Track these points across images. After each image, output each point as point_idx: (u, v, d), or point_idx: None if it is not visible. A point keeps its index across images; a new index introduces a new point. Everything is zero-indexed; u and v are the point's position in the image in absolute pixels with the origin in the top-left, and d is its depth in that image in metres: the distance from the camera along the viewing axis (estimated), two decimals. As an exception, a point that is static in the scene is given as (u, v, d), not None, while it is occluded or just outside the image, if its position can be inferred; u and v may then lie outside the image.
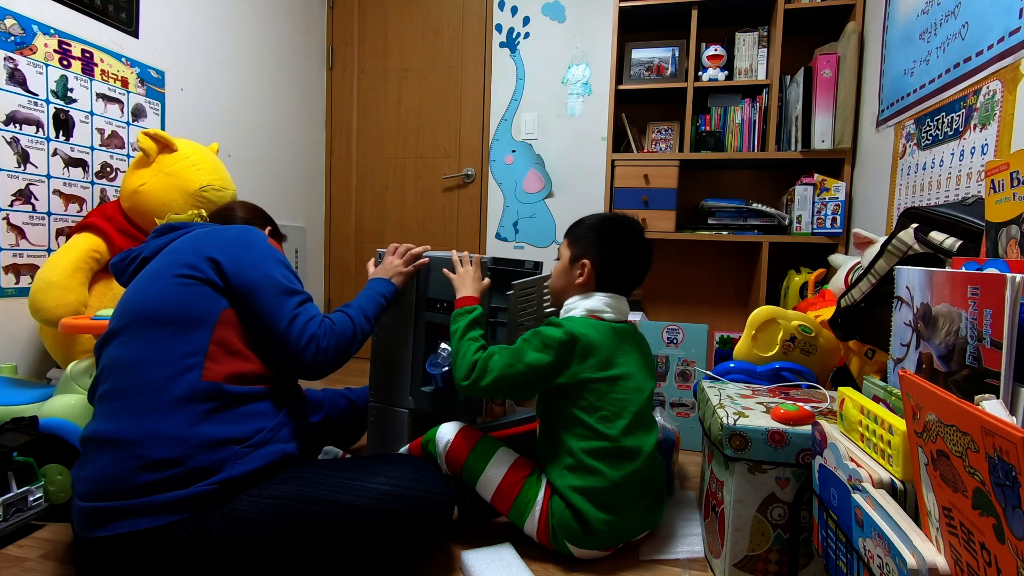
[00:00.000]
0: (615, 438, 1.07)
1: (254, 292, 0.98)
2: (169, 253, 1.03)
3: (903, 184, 1.54)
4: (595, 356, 1.10)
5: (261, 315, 0.98)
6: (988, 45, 1.15)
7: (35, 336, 1.64)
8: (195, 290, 0.96)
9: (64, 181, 1.67)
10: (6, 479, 1.12)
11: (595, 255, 1.19)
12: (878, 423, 0.75)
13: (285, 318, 0.99)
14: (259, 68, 2.45)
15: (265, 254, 1.03)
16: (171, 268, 0.99)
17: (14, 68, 1.53)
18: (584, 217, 1.25)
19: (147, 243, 1.11)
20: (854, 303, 1.13)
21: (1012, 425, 0.46)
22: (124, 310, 0.98)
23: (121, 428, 0.87)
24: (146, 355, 0.91)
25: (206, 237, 1.03)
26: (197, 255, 0.99)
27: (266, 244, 1.05)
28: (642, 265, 1.22)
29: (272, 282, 1.00)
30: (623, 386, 1.10)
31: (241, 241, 1.03)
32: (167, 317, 0.94)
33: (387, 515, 0.93)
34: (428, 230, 2.84)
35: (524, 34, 2.65)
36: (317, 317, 1.04)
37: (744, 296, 2.40)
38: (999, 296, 0.58)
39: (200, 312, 0.95)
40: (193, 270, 0.97)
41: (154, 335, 0.93)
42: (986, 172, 0.77)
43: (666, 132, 2.36)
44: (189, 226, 1.12)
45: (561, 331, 1.10)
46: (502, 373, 1.10)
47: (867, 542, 0.67)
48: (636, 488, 1.09)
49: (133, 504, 0.84)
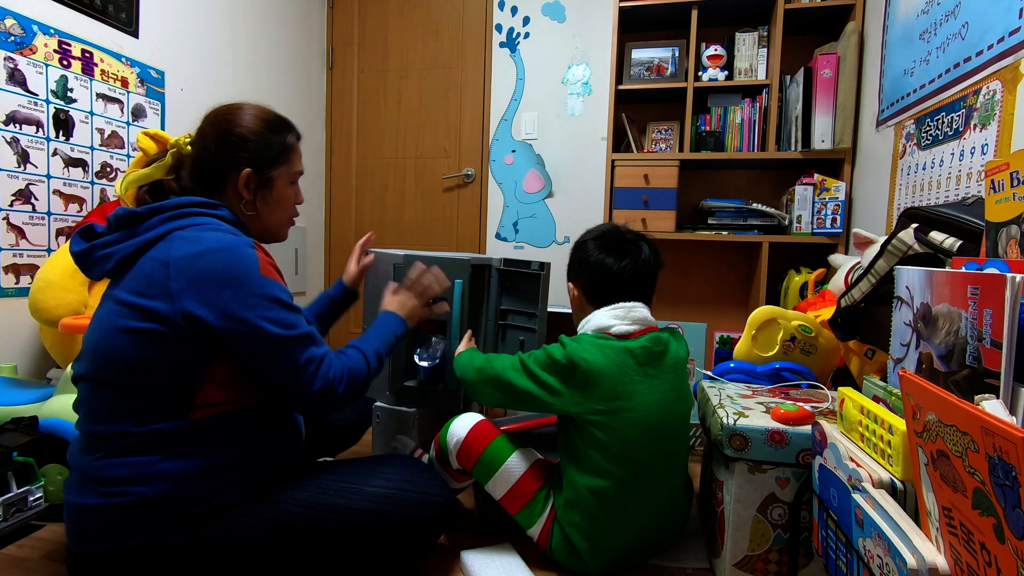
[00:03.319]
0: (621, 480, 1.00)
1: (250, 347, 0.85)
2: (136, 279, 0.84)
3: (903, 184, 1.54)
4: (598, 386, 1.00)
5: (263, 372, 0.88)
6: (988, 45, 1.15)
7: (35, 336, 1.64)
8: (170, 346, 0.82)
9: (64, 181, 1.67)
10: (6, 479, 1.12)
11: (573, 273, 1.17)
12: (878, 423, 0.75)
13: (294, 374, 0.88)
14: (259, 68, 2.45)
15: (255, 292, 0.85)
16: (137, 314, 0.82)
17: (14, 68, 1.53)
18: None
19: (117, 237, 0.89)
20: (854, 303, 1.13)
21: (1012, 425, 0.46)
22: (89, 350, 0.86)
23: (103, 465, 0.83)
24: (119, 415, 0.84)
25: (180, 271, 0.82)
26: (171, 304, 0.82)
27: (256, 276, 0.86)
28: (621, 259, 1.10)
29: (270, 335, 0.85)
30: (634, 420, 1.00)
31: (225, 279, 0.83)
32: (138, 381, 0.83)
33: (386, 518, 0.93)
34: (428, 230, 2.84)
35: (524, 34, 2.65)
36: (327, 359, 0.91)
37: (744, 296, 2.40)
38: (999, 296, 0.58)
39: (180, 376, 0.84)
40: (166, 325, 0.82)
41: (125, 398, 0.83)
42: (986, 172, 0.77)
43: (666, 132, 2.36)
44: (156, 221, 0.89)
45: (562, 352, 1.04)
46: (501, 375, 1.08)
47: (867, 542, 0.67)
48: (642, 533, 1.05)
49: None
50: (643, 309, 1.10)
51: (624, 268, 1.10)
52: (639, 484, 1.02)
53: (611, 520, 1.02)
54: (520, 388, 1.06)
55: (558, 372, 1.03)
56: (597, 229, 1.18)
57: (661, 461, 1.04)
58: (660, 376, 1.05)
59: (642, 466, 1.01)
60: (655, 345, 1.06)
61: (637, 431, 1.00)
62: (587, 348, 1.03)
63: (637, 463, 1.01)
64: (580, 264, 1.15)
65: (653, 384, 1.03)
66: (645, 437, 1.01)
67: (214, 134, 0.98)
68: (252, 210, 1.00)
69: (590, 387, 1.01)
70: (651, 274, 1.13)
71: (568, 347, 1.04)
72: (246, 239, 0.89)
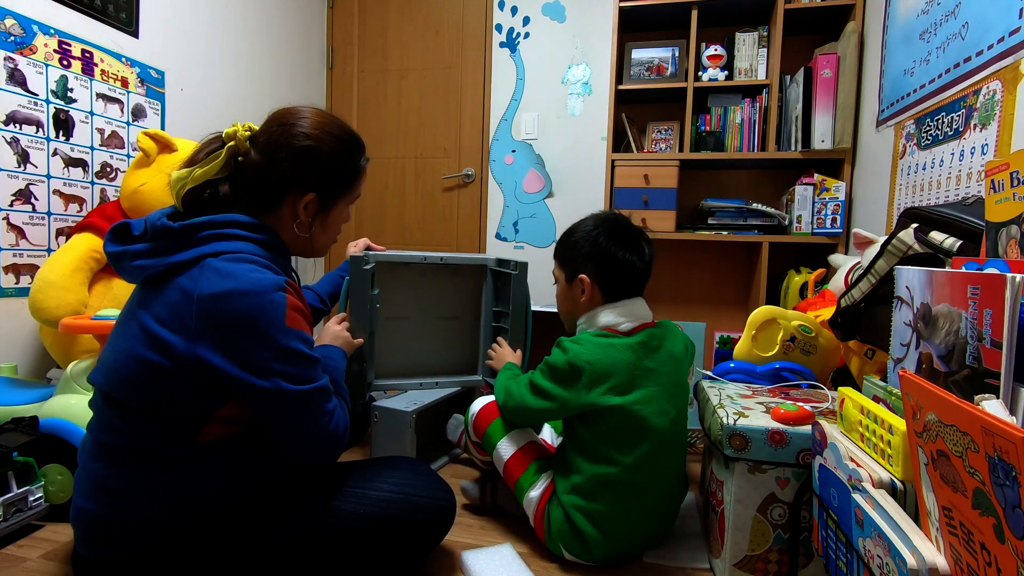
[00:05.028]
0: (627, 468, 1.03)
1: (260, 399, 0.82)
2: (161, 305, 0.81)
3: (903, 184, 1.54)
4: (610, 380, 1.02)
5: (270, 422, 0.85)
6: (988, 45, 1.15)
7: (35, 336, 1.64)
8: (181, 385, 0.80)
9: (64, 181, 1.67)
10: (6, 479, 1.11)
11: (590, 267, 1.11)
12: (878, 423, 0.75)
13: (308, 431, 0.86)
14: (259, 68, 2.45)
15: (275, 345, 0.81)
16: (154, 345, 0.79)
17: (14, 68, 1.53)
18: (565, 232, 1.17)
19: (149, 250, 0.84)
20: (854, 303, 1.13)
21: (1012, 425, 0.46)
22: (108, 365, 0.84)
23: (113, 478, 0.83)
24: (127, 432, 0.83)
25: (204, 310, 0.78)
26: (187, 343, 0.78)
27: (279, 327, 0.81)
28: (643, 256, 1.12)
29: (283, 391, 0.81)
30: (642, 410, 1.02)
31: (247, 329, 0.79)
32: (148, 407, 0.81)
33: (390, 522, 0.93)
34: (428, 230, 2.84)
35: (524, 34, 2.65)
36: (336, 412, 0.89)
37: (744, 296, 2.40)
38: (999, 296, 0.58)
39: (190, 410, 0.82)
40: (177, 364, 0.79)
41: (134, 418, 0.82)
42: (986, 172, 0.77)
43: (666, 132, 2.36)
44: (192, 241, 0.84)
45: (563, 359, 1.03)
46: (521, 404, 1.12)
47: (867, 542, 0.67)
48: (642, 520, 1.07)
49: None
50: (643, 304, 1.14)
51: (644, 262, 1.12)
52: (643, 474, 1.05)
53: (620, 507, 1.04)
54: (538, 410, 1.09)
55: (562, 380, 1.05)
56: (600, 220, 1.14)
57: (662, 452, 1.07)
58: (658, 369, 1.07)
59: (646, 457, 1.04)
60: (650, 340, 1.08)
61: (640, 423, 1.03)
62: (591, 350, 1.03)
63: (641, 454, 1.04)
64: (597, 259, 1.10)
65: (653, 377, 1.06)
66: (648, 428, 1.03)
67: (288, 148, 0.90)
68: (305, 232, 0.95)
69: (597, 386, 1.02)
70: (652, 267, 1.16)
71: (569, 352, 1.04)
72: (277, 279, 0.83)
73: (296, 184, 0.92)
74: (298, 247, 0.97)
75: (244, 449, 0.89)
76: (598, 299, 1.12)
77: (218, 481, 0.87)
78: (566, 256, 1.16)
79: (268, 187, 0.91)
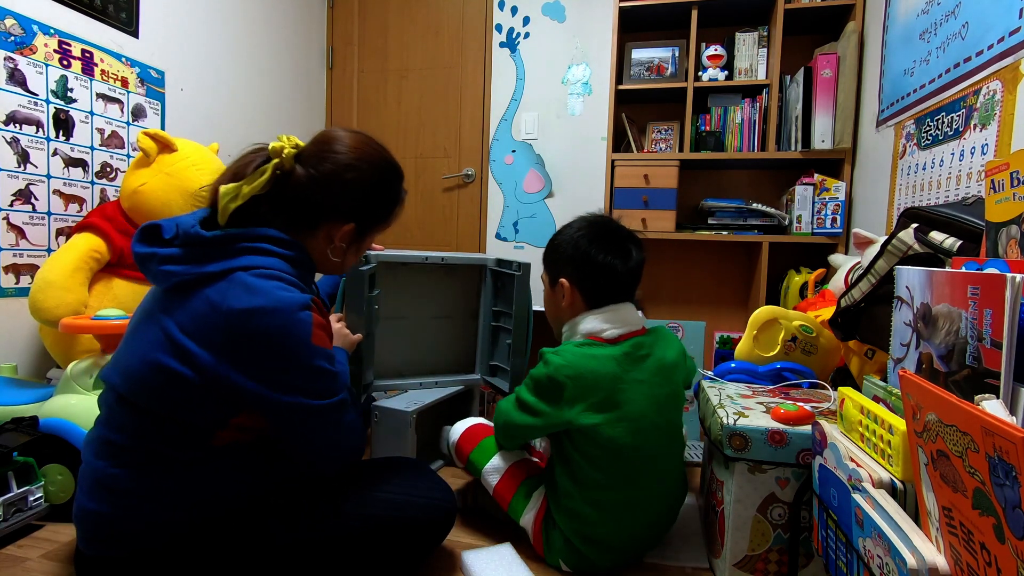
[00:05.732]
0: (620, 487, 1.01)
1: (283, 416, 0.83)
2: (187, 315, 0.80)
3: (903, 184, 1.54)
4: (591, 397, 0.98)
5: (289, 440, 0.86)
6: (988, 45, 1.15)
7: (35, 336, 1.63)
8: (200, 395, 0.80)
9: (64, 181, 1.67)
10: (6, 479, 1.12)
11: (570, 271, 1.07)
12: (878, 423, 0.75)
13: (324, 445, 0.87)
14: (259, 68, 2.45)
15: (299, 364, 0.81)
16: (177, 354, 0.79)
17: (14, 68, 1.53)
18: (552, 235, 1.14)
19: (179, 256, 0.83)
20: (854, 303, 1.13)
21: (1012, 425, 0.46)
22: (123, 365, 0.84)
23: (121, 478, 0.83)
24: (138, 433, 0.83)
25: (231, 325, 0.78)
26: (211, 356, 0.78)
27: (305, 347, 0.81)
28: (627, 259, 1.06)
29: (307, 406, 0.82)
30: (626, 426, 0.99)
31: (273, 348, 0.79)
32: (162, 412, 0.81)
33: (393, 523, 0.93)
34: (428, 230, 2.84)
35: (524, 34, 2.65)
36: (352, 425, 0.90)
37: (744, 296, 2.40)
38: (999, 296, 0.58)
39: (205, 417, 0.83)
40: (199, 374, 0.79)
41: (146, 421, 0.82)
42: (986, 172, 0.77)
43: (666, 132, 2.36)
44: (223, 253, 0.83)
45: (544, 372, 1.00)
46: (508, 420, 1.09)
47: (867, 542, 0.67)
48: (642, 529, 1.07)
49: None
50: (632, 309, 1.08)
51: (629, 265, 1.06)
52: (635, 488, 1.03)
53: (617, 523, 1.03)
54: (524, 426, 1.05)
55: (545, 395, 1.01)
56: (585, 222, 1.10)
57: (654, 463, 1.05)
58: (647, 380, 1.03)
59: (636, 470, 1.02)
60: (636, 350, 1.04)
61: (628, 436, 1.00)
62: (572, 361, 0.99)
63: (631, 468, 1.02)
64: (578, 263, 1.06)
65: (641, 389, 1.02)
66: (637, 441, 1.01)
67: (336, 175, 0.90)
68: (338, 257, 0.95)
69: (579, 402, 0.99)
70: (641, 271, 1.11)
71: (551, 365, 1.00)
72: (303, 298, 0.82)
73: (337, 213, 0.92)
74: (326, 267, 0.97)
75: (255, 455, 0.89)
76: (580, 305, 1.07)
77: (227, 486, 0.86)
78: (549, 259, 1.13)
79: (308, 210, 0.91)
